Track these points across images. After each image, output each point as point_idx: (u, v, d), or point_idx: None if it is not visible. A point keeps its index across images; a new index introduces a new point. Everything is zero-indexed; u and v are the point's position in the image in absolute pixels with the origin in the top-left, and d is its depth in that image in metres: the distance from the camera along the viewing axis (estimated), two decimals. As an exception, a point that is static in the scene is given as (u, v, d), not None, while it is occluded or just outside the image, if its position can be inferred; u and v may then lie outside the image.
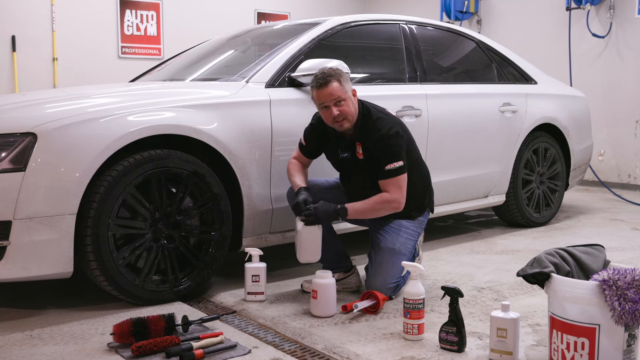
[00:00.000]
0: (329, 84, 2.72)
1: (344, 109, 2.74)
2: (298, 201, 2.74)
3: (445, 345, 2.26)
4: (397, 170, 2.72)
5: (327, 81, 2.72)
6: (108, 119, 2.61)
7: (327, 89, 2.72)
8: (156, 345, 2.19)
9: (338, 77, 2.74)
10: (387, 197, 2.72)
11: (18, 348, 2.28)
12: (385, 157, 2.72)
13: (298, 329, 2.48)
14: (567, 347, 1.98)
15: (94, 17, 6.98)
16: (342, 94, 2.73)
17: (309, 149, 2.97)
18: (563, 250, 2.21)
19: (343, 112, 2.74)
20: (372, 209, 2.74)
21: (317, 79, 2.77)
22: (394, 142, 2.73)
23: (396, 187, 2.73)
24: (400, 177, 2.73)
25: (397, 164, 2.71)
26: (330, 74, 2.75)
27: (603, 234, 4.25)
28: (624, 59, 6.47)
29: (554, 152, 4.60)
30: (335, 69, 2.79)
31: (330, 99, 2.73)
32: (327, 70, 2.78)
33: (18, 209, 2.41)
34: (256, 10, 8.20)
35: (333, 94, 2.72)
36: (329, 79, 2.73)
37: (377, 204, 2.73)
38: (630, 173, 6.51)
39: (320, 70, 2.80)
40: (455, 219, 4.86)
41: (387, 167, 2.71)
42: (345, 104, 2.74)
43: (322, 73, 2.77)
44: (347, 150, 2.86)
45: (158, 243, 2.74)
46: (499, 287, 3.04)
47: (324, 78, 2.74)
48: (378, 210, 2.75)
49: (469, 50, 4.34)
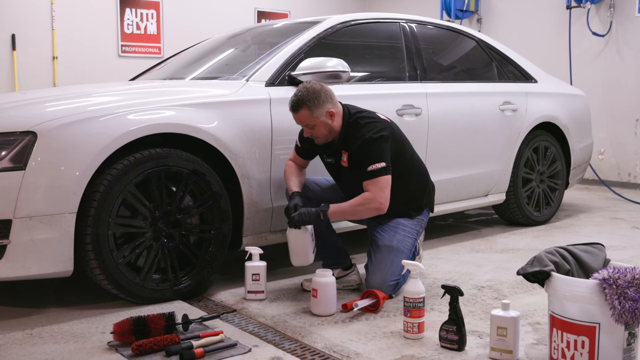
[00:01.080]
0: (299, 111, 2.76)
1: (315, 132, 2.79)
2: (288, 206, 2.79)
3: (445, 344, 2.26)
4: (379, 172, 2.69)
5: (296, 108, 2.76)
6: (108, 118, 2.61)
7: (297, 115, 2.78)
8: (156, 344, 2.19)
9: (309, 105, 2.73)
10: (367, 196, 2.70)
11: (18, 347, 2.28)
12: (367, 159, 2.71)
13: (298, 327, 2.48)
14: (567, 345, 1.98)
15: (93, 16, 6.98)
16: (311, 121, 2.76)
17: (304, 150, 2.98)
18: (563, 249, 2.21)
19: (315, 133, 2.80)
20: (354, 210, 2.73)
21: (290, 101, 2.78)
22: (377, 145, 2.72)
23: (378, 187, 2.69)
24: (382, 178, 2.70)
25: (379, 165, 2.70)
26: (302, 100, 2.74)
27: (603, 233, 4.25)
28: (624, 58, 6.46)
29: (554, 151, 4.60)
30: (309, 92, 2.74)
31: (302, 123, 2.80)
32: (300, 95, 2.75)
33: (18, 207, 2.41)
34: (256, 8, 8.19)
35: (302, 121, 2.79)
36: (299, 105, 2.75)
37: (358, 204, 2.71)
38: (631, 172, 6.51)
39: (295, 93, 2.78)
40: (455, 218, 4.86)
41: (369, 168, 2.70)
42: (317, 128, 2.78)
43: (295, 96, 2.77)
44: (332, 157, 2.91)
45: (158, 242, 2.74)
46: (499, 285, 3.04)
47: (296, 103, 2.76)
48: (359, 211, 2.73)
49: (469, 48, 4.34)
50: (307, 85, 2.79)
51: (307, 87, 2.77)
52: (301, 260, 2.81)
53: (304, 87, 2.77)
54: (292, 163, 3.00)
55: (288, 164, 3.01)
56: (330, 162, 2.94)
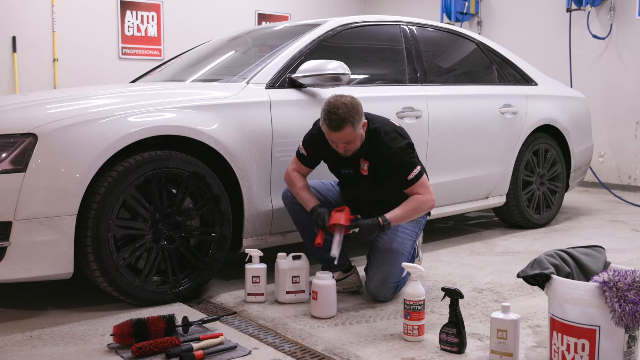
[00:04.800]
0: (342, 129, 2.62)
1: (350, 146, 2.71)
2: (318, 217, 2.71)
3: (445, 347, 2.26)
4: (418, 176, 2.74)
5: (340, 126, 2.61)
6: (108, 120, 2.61)
7: (339, 134, 2.64)
8: (156, 346, 2.19)
9: (352, 121, 2.61)
10: (421, 197, 2.74)
11: (18, 349, 2.28)
12: (405, 170, 2.72)
13: (298, 330, 2.48)
14: (567, 348, 1.98)
15: (94, 18, 6.98)
16: (352, 137, 2.66)
17: (311, 159, 2.91)
18: (563, 252, 2.21)
19: (350, 148, 2.72)
20: (413, 211, 2.74)
21: (330, 119, 2.61)
22: (408, 154, 2.74)
23: (424, 188, 2.76)
24: (423, 179, 2.76)
25: (416, 170, 2.73)
26: (346, 118, 2.60)
27: (603, 236, 4.25)
28: (625, 61, 6.47)
29: (554, 154, 4.61)
30: (349, 108, 2.62)
31: (340, 140, 2.67)
32: (342, 112, 2.60)
33: (18, 209, 2.41)
34: (257, 11, 8.20)
35: (342, 138, 2.66)
36: (343, 124, 2.60)
37: (415, 209, 2.73)
38: (631, 174, 6.51)
39: (334, 108, 2.61)
40: (455, 220, 4.86)
41: (409, 176, 2.72)
42: (354, 142, 2.70)
43: (336, 115, 2.60)
44: (350, 167, 2.85)
45: (158, 244, 2.74)
46: (499, 288, 3.04)
47: (339, 122, 2.60)
48: (417, 211, 2.75)
49: (469, 51, 4.35)
50: (342, 101, 2.64)
51: (344, 103, 2.62)
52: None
53: (341, 103, 2.62)
54: (298, 174, 2.91)
55: (294, 175, 2.89)
56: (347, 172, 2.86)
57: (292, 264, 2.81)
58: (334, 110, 2.62)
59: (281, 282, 2.80)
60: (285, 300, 2.80)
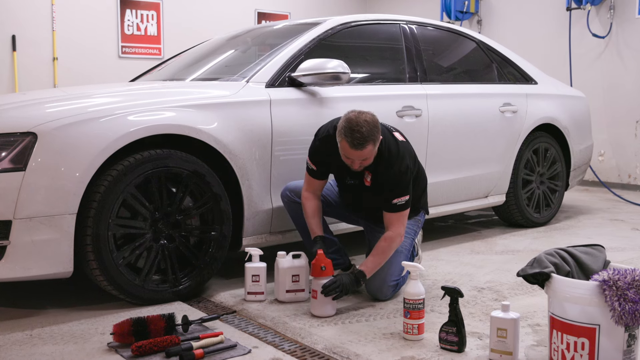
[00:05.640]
0: (365, 148, 2.57)
1: (366, 162, 2.68)
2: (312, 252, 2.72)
3: (445, 345, 2.26)
4: (403, 205, 2.72)
5: (363, 144, 2.56)
6: (108, 119, 2.61)
7: (360, 152, 2.59)
8: (156, 345, 2.19)
9: (374, 139, 2.57)
10: (391, 235, 2.71)
11: (18, 348, 2.28)
12: (394, 192, 2.70)
13: (298, 328, 2.48)
14: (567, 347, 1.98)
15: (94, 17, 6.98)
16: (372, 154, 2.64)
17: (321, 171, 2.86)
18: (563, 251, 2.21)
19: (365, 164, 2.68)
20: (384, 256, 2.71)
21: (353, 137, 2.54)
22: (405, 179, 2.71)
23: (400, 222, 2.73)
24: (404, 212, 2.74)
25: (404, 199, 2.71)
26: (369, 136, 2.55)
27: (603, 234, 4.25)
28: (624, 59, 6.47)
29: (554, 152, 4.61)
30: (371, 125, 2.57)
31: (359, 158, 2.63)
32: (366, 130, 2.54)
33: (18, 208, 2.41)
34: (256, 10, 8.20)
35: (363, 155, 2.61)
36: (366, 142, 2.55)
37: (386, 250, 2.71)
38: (631, 173, 6.51)
39: (357, 126, 2.54)
40: (455, 219, 4.86)
41: (395, 201, 2.70)
42: (369, 159, 2.66)
43: (359, 133, 2.53)
44: (355, 178, 2.82)
45: (158, 243, 2.74)
46: (499, 287, 3.04)
47: (361, 140, 2.54)
48: (389, 253, 2.73)
49: (469, 50, 4.34)
50: (364, 118, 2.58)
51: (366, 121, 2.57)
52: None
53: (363, 121, 2.56)
54: (310, 199, 2.86)
55: (305, 199, 2.86)
56: (352, 183, 2.85)
57: (292, 263, 2.81)
58: (357, 129, 2.55)
59: (281, 281, 2.80)
60: (285, 299, 2.80)
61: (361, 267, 2.69)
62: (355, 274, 2.66)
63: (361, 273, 2.67)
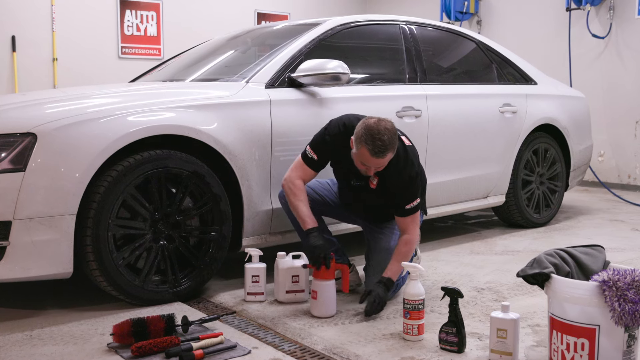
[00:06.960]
0: (385, 156, 2.55)
1: (380, 168, 2.66)
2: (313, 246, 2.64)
3: (445, 346, 2.26)
4: (415, 208, 2.72)
5: (384, 152, 2.53)
6: (108, 119, 2.61)
7: (380, 160, 2.56)
8: (156, 346, 2.19)
9: (394, 147, 2.56)
10: (409, 239, 2.72)
11: (18, 348, 2.28)
12: (406, 197, 2.70)
13: (298, 329, 2.48)
14: (567, 347, 1.98)
15: (94, 18, 6.98)
16: (387, 161, 2.62)
17: (320, 163, 2.82)
18: (563, 251, 2.21)
19: (380, 170, 2.67)
20: (405, 258, 2.70)
21: (375, 145, 2.51)
22: (415, 184, 2.72)
23: (414, 224, 2.74)
24: (417, 214, 2.75)
25: (415, 203, 2.72)
26: (389, 144, 2.52)
27: (603, 235, 4.25)
28: (624, 60, 6.47)
29: (553, 153, 4.61)
30: (391, 133, 2.54)
31: (377, 165, 2.60)
32: (388, 139, 2.51)
33: (18, 209, 2.41)
34: (256, 10, 8.20)
35: (382, 163, 2.60)
36: (387, 151, 2.53)
37: (406, 253, 2.71)
38: (630, 174, 6.51)
39: (379, 134, 2.50)
40: (455, 220, 4.86)
41: (407, 206, 2.71)
42: (384, 166, 2.64)
43: (381, 141, 2.50)
44: (361, 180, 2.80)
45: (158, 243, 2.74)
46: (499, 287, 3.04)
47: (383, 148, 2.52)
48: (409, 255, 2.73)
49: (469, 50, 4.35)
50: (385, 126, 2.54)
51: (387, 129, 2.53)
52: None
53: (384, 129, 2.52)
54: (302, 185, 2.78)
55: (298, 185, 2.76)
56: (357, 184, 2.82)
57: (292, 264, 2.81)
58: (378, 137, 2.50)
59: (281, 282, 2.80)
60: (284, 299, 2.80)
61: (386, 274, 2.68)
62: (384, 282, 2.65)
63: (389, 280, 2.66)
